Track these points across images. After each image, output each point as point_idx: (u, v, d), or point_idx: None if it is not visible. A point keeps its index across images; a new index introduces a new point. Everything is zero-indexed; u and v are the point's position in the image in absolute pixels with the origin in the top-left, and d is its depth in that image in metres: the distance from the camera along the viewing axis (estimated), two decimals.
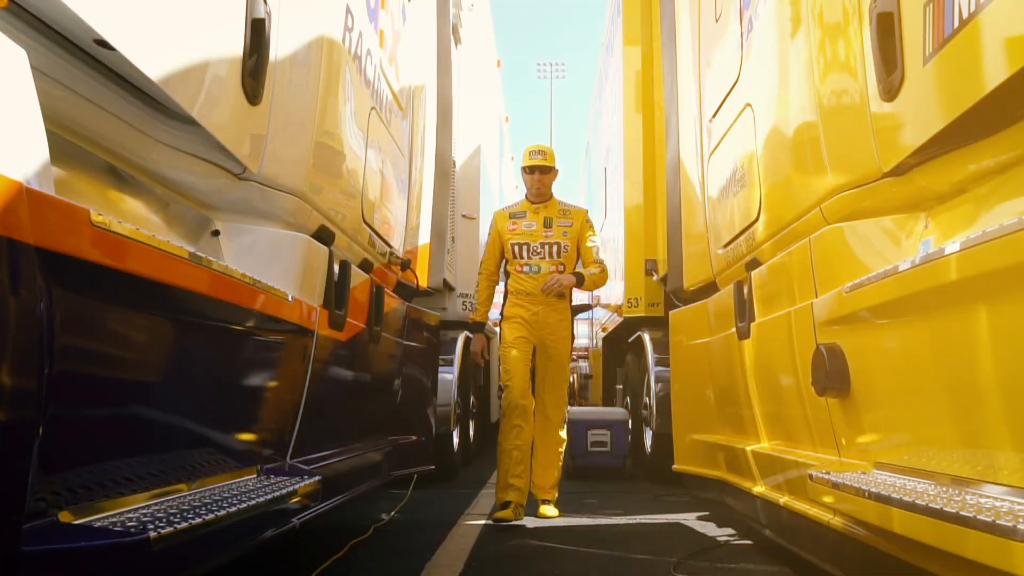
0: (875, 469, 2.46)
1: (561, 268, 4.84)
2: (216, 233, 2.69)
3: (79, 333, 1.60)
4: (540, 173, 4.96)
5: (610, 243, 8.48)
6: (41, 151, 1.44)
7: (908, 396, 2.27)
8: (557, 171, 5.05)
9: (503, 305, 5.04)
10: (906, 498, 1.90)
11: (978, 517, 1.60)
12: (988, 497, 1.83)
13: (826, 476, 2.41)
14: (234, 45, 2.35)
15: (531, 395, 4.84)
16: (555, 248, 4.87)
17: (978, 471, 1.94)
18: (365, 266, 3.90)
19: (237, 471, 2.48)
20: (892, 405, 2.37)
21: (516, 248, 4.91)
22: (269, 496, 2.19)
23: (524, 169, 5.01)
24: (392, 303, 4.31)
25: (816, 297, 2.82)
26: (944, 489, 2.00)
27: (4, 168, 1.29)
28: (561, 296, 4.86)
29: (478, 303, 5.10)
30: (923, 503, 1.81)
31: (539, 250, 4.87)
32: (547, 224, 4.91)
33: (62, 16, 1.63)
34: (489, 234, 5.08)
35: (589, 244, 4.93)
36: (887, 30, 2.32)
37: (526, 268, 4.86)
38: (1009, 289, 1.74)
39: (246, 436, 2.60)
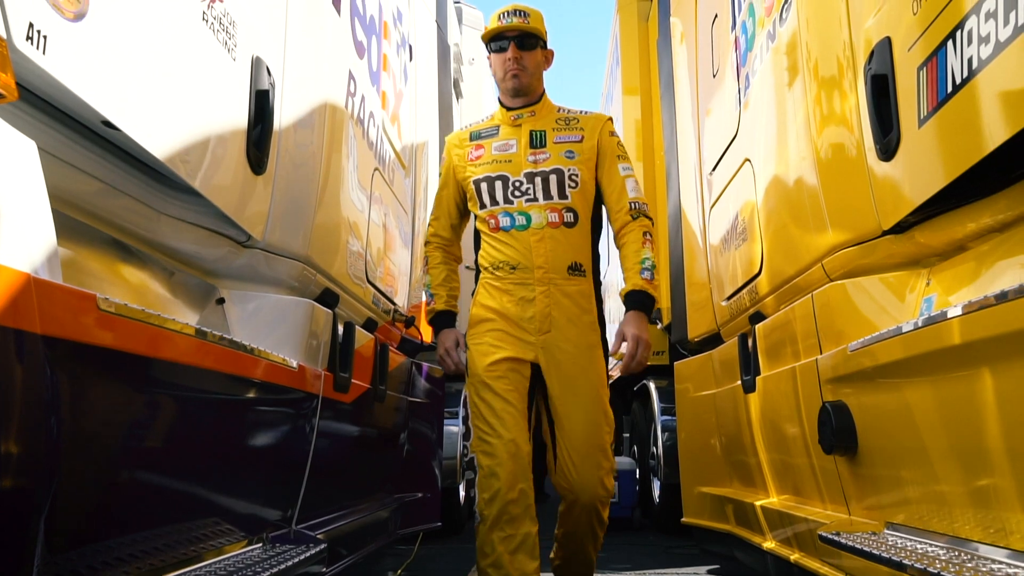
0: (886, 529, 2.44)
1: (569, 217, 2.84)
2: (221, 301, 2.70)
3: (85, 414, 1.60)
4: (516, 47, 2.85)
5: (613, 288, 8.47)
6: (49, 240, 1.45)
7: (917, 456, 2.25)
8: (551, 52, 2.99)
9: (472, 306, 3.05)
10: (917, 564, 1.88)
11: None
12: (1001, 563, 1.81)
13: (835, 537, 2.39)
14: (238, 117, 2.38)
15: (530, 478, 2.77)
16: (553, 180, 2.83)
17: (990, 534, 1.92)
18: (369, 325, 3.91)
19: (242, 541, 2.46)
20: (901, 464, 2.36)
21: (484, 188, 2.90)
22: (275, 569, 2.18)
23: (488, 44, 2.91)
24: (397, 360, 4.30)
25: (820, 353, 2.82)
26: (956, 553, 1.98)
27: (13, 260, 1.31)
28: (579, 270, 2.88)
29: (433, 286, 3.16)
30: (935, 570, 1.80)
31: (524, 187, 2.84)
32: (536, 142, 2.88)
33: (71, 102, 1.66)
34: (441, 174, 3.22)
35: (622, 172, 2.94)
36: (882, 92, 2.36)
37: (504, 220, 2.87)
38: (1016, 352, 1.74)
39: (252, 505, 2.59)
